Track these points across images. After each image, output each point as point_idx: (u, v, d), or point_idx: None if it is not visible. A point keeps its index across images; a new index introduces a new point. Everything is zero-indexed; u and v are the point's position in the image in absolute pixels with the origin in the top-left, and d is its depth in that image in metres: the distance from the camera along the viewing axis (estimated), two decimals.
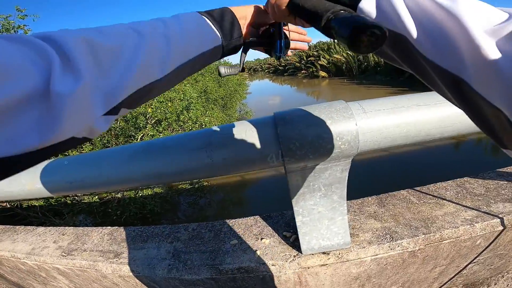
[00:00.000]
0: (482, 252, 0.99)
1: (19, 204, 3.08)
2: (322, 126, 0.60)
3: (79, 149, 3.24)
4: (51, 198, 3.39)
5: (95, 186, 0.63)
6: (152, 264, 0.85)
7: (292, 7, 0.36)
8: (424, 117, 0.62)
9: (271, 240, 0.87)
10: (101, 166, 0.62)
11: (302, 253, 0.81)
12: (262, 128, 0.63)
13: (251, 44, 0.48)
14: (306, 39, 0.53)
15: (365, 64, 14.56)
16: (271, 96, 15.05)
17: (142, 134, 4.09)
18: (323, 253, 0.81)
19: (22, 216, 3.13)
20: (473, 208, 0.94)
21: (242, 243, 0.86)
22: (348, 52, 14.64)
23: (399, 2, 0.26)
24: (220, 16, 0.43)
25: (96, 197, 3.28)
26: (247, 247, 0.85)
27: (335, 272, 0.85)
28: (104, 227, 1.17)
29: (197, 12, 0.41)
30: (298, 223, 0.77)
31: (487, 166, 1.29)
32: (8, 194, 0.72)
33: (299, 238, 0.81)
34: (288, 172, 0.68)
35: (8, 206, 2.98)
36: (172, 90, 5.21)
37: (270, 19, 0.49)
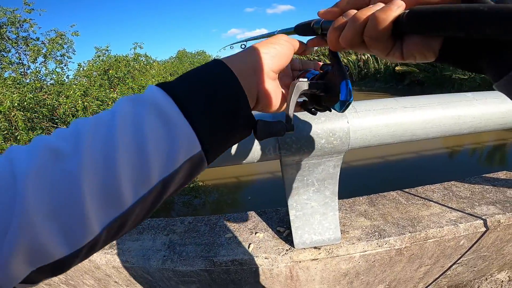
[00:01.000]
0: (465, 253, 1.03)
1: None
2: (317, 122, 0.64)
3: None
4: None
5: None
6: (147, 255, 0.87)
7: (414, 18, 0.21)
8: (410, 118, 0.67)
9: (265, 234, 0.90)
10: None
11: (294, 247, 0.84)
12: None
13: (286, 126, 0.33)
14: None
15: (365, 71, 14.83)
16: None
17: None
18: (315, 247, 0.84)
19: None
20: (457, 210, 0.99)
21: (236, 237, 0.89)
22: (348, 58, 14.89)
23: None
24: (201, 90, 0.26)
25: None
26: (241, 240, 0.87)
27: (325, 267, 0.88)
28: None
29: (156, 92, 0.25)
30: (292, 217, 0.80)
31: (474, 172, 1.35)
32: None
33: (292, 233, 0.84)
34: (284, 166, 0.72)
35: None
36: None
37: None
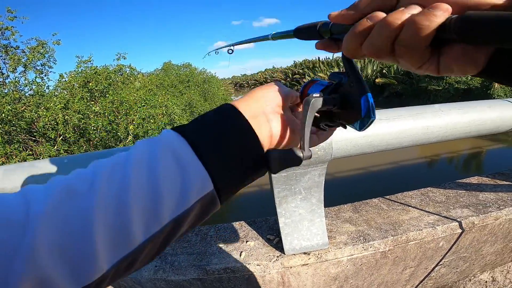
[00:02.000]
0: (446, 254, 1.10)
1: None
2: None
3: None
4: None
5: None
6: None
7: (468, 25, 0.18)
8: (385, 129, 0.73)
9: (256, 243, 0.93)
10: None
11: (285, 253, 0.87)
12: None
13: (303, 153, 0.29)
14: None
15: None
16: None
17: (123, 146, 4.03)
18: (304, 253, 0.88)
19: None
20: (434, 213, 1.06)
21: (228, 246, 0.91)
22: (331, 71, 15.39)
23: None
24: (212, 132, 0.27)
25: None
26: (233, 249, 0.90)
27: (316, 272, 0.91)
28: None
29: (170, 135, 0.27)
30: (281, 224, 0.84)
31: (450, 178, 1.45)
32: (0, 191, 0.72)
33: (282, 240, 0.87)
34: (273, 175, 0.76)
35: None
36: (154, 106, 5.23)
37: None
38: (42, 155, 3.92)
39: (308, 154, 0.29)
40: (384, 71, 13.66)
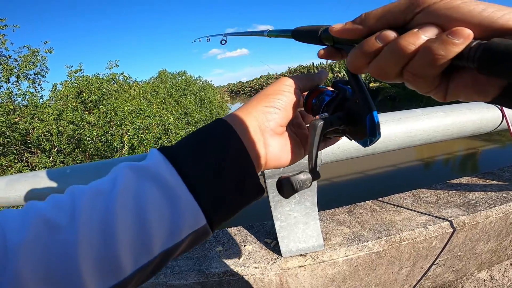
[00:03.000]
0: (440, 253, 1.13)
1: None
2: None
3: None
4: None
5: None
6: None
7: (494, 56, 0.16)
8: None
9: (254, 246, 0.95)
10: (102, 174, 0.68)
11: (282, 256, 0.90)
12: None
13: (312, 175, 0.29)
14: None
15: None
16: None
17: (118, 156, 4.02)
18: (301, 255, 0.90)
19: None
20: (426, 214, 1.09)
21: (227, 250, 0.94)
22: None
23: None
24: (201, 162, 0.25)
25: None
26: (232, 252, 0.92)
27: (313, 273, 0.93)
28: None
29: (158, 162, 0.25)
30: (277, 228, 0.86)
31: (440, 180, 1.49)
32: (4, 200, 0.75)
33: (279, 243, 0.90)
34: (267, 180, 0.79)
35: None
36: (148, 117, 5.20)
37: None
38: (37, 166, 3.90)
39: (317, 176, 0.29)
40: None
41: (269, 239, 0.98)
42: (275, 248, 0.94)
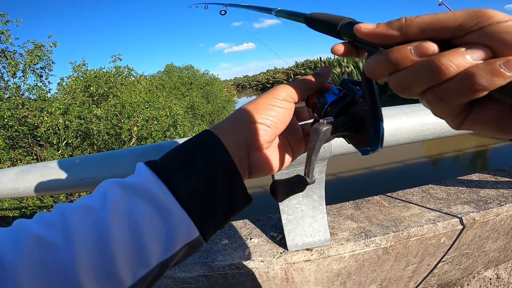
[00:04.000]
0: (448, 250, 1.11)
1: None
2: None
3: None
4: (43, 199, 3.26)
5: None
6: None
7: None
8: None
9: (260, 240, 0.95)
10: (111, 165, 0.69)
11: (288, 250, 0.89)
12: None
13: (307, 180, 0.28)
14: None
15: None
16: None
17: (128, 148, 4.06)
18: (307, 249, 0.90)
19: None
20: (435, 210, 1.07)
21: (232, 243, 0.93)
22: (333, 71, 15.48)
23: None
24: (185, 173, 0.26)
25: None
26: (237, 246, 0.92)
27: (318, 268, 0.93)
28: None
29: (148, 178, 0.25)
30: (284, 221, 0.86)
31: (450, 176, 1.46)
32: (12, 191, 0.76)
33: (285, 237, 0.89)
34: (275, 174, 0.78)
35: None
36: (158, 108, 5.26)
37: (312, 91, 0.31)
38: (46, 159, 3.97)
39: (312, 181, 0.28)
40: None
41: (275, 233, 0.98)
42: (281, 242, 0.93)
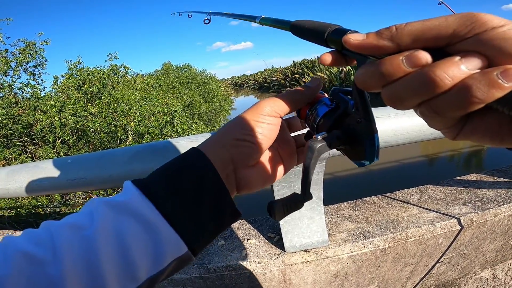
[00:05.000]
0: (446, 251, 1.10)
1: None
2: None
3: None
4: (28, 203, 3.24)
5: (96, 183, 0.68)
6: None
7: None
8: (382, 127, 0.74)
9: (257, 241, 0.94)
10: (104, 164, 0.67)
11: (285, 251, 0.88)
12: None
13: (304, 197, 0.28)
14: None
15: (346, 83, 15.46)
16: None
17: (123, 147, 4.03)
18: (304, 250, 0.88)
19: None
20: (433, 210, 1.06)
21: (229, 244, 0.92)
22: (331, 70, 15.49)
23: None
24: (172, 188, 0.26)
25: (78, 209, 3.17)
26: (234, 247, 0.90)
27: (316, 270, 0.92)
28: None
29: (135, 198, 0.25)
30: (281, 222, 0.84)
31: (448, 176, 1.46)
32: (3, 192, 0.73)
33: (282, 238, 0.88)
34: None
35: None
36: (155, 104, 5.23)
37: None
38: (41, 157, 3.92)
39: (309, 198, 0.28)
40: None
41: (272, 234, 0.97)
42: (278, 243, 0.92)
